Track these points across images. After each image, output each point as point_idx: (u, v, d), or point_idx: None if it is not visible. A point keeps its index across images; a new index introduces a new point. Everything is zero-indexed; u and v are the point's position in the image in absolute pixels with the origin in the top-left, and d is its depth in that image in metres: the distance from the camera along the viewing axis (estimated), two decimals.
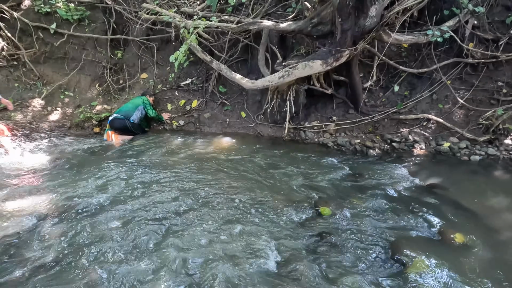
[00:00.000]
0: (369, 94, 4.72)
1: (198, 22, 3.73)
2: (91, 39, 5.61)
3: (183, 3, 5.21)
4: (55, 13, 5.36)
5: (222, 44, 5.11)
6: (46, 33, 5.41)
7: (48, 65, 5.51)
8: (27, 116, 4.97)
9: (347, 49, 3.54)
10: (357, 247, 2.16)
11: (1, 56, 5.23)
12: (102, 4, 5.61)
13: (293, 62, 3.94)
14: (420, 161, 3.72)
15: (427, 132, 4.17)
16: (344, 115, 4.67)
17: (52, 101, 5.28)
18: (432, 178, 3.24)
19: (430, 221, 2.43)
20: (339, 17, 3.34)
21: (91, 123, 5.12)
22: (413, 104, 4.40)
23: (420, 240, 2.22)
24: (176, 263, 1.95)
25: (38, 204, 2.67)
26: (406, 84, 4.64)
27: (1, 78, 5.23)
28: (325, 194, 2.92)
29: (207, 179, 3.13)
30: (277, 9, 4.88)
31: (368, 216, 2.54)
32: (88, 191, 2.86)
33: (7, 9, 5.18)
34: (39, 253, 2.06)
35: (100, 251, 2.07)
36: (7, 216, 2.47)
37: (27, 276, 1.86)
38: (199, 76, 5.52)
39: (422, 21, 4.36)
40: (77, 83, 5.52)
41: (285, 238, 2.25)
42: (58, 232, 2.29)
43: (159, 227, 2.33)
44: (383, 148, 4.08)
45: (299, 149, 4.16)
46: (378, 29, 3.39)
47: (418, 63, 4.58)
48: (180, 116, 5.20)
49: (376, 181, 3.20)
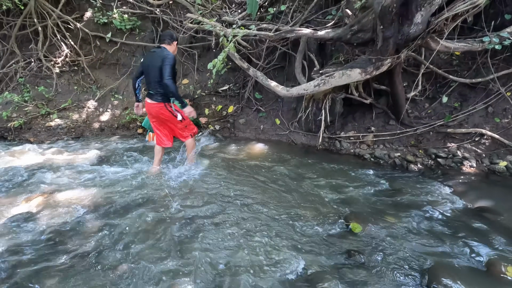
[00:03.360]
0: (413, 105, 4.41)
1: (237, 31, 3.83)
2: (140, 46, 6.07)
3: (224, 12, 5.39)
4: (111, 23, 5.90)
5: (260, 52, 5.18)
6: (102, 42, 5.98)
7: (102, 70, 6.07)
8: (82, 116, 5.50)
9: (388, 57, 3.36)
10: (389, 269, 2.00)
11: (64, 62, 5.89)
12: (152, 14, 6.03)
13: (330, 70, 3.85)
14: (469, 180, 3.36)
15: (480, 148, 3.76)
16: (383, 126, 4.42)
17: (104, 103, 5.78)
18: (483, 200, 2.90)
19: (476, 249, 2.17)
20: (381, 24, 3.19)
21: (135, 125, 5.50)
22: (464, 117, 4.01)
23: (463, 269, 2.00)
24: (201, 266, 2.00)
25: (84, 197, 2.92)
26: (456, 95, 4.25)
27: (63, 81, 5.88)
28: (357, 209, 2.78)
29: (237, 185, 3.17)
30: (316, 17, 4.81)
31: (404, 237, 2.36)
32: (125, 189, 3.07)
33: (72, 20, 5.82)
34: (80, 243, 2.25)
35: (133, 246, 2.20)
36: (57, 206, 2.74)
37: (68, 263, 2.05)
38: (236, 83, 5.65)
39: (479, 26, 3.98)
40: (125, 87, 5.99)
41: (311, 252, 2.18)
42: (98, 225, 2.48)
43: (187, 228, 2.41)
44: (426, 163, 3.77)
45: (333, 159, 4.03)
46: (424, 37, 3.17)
47: (472, 72, 4.18)
48: (217, 121, 5.36)
49: (416, 199, 2.96)
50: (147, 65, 3.21)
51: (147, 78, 3.23)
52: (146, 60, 3.25)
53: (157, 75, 3.10)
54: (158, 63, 3.07)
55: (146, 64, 3.23)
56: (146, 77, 3.25)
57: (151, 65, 3.15)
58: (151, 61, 3.16)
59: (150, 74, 3.17)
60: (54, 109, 5.46)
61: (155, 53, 3.17)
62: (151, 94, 3.24)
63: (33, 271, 1.98)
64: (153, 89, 3.20)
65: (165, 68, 3.03)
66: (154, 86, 3.18)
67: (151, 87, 3.22)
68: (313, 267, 2.04)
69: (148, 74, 3.20)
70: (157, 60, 3.09)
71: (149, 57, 3.23)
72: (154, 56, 3.15)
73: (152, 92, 3.22)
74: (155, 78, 3.13)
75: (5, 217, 2.56)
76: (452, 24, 3.19)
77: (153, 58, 3.15)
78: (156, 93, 3.20)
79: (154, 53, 3.18)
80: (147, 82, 3.27)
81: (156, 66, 3.09)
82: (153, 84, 3.18)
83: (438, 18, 3.11)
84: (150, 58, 3.19)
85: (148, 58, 3.22)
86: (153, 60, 3.13)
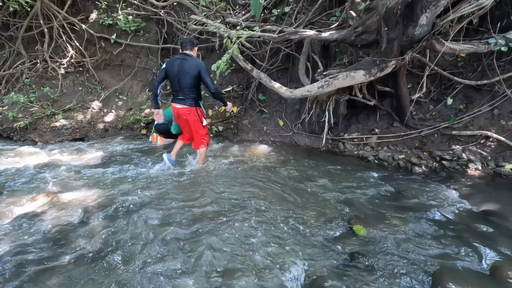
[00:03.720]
0: (418, 107, 4.38)
1: (241, 32, 3.84)
2: (144, 48, 6.11)
3: (228, 14, 5.41)
4: (116, 25, 5.95)
5: (263, 53, 5.19)
6: (107, 43, 6.03)
7: (107, 71, 6.13)
8: (86, 116, 5.54)
9: (393, 59, 3.35)
10: (392, 273, 1.99)
11: (70, 63, 5.94)
12: (156, 16, 6.07)
13: (334, 71, 3.84)
14: (474, 183, 3.33)
15: (485, 151, 3.72)
16: (387, 128, 4.40)
17: (108, 104, 5.83)
18: (488, 203, 2.87)
19: (481, 253, 2.15)
20: (385, 26, 3.17)
21: (139, 125, 5.53)
22: (469, 119, 3.97)
23: (467, 273, 1.97)
24: (202, 268, 1.99)
25: (88, 197, 2.94)
26: (461, 97, 4.22)
27: (68, 82, 5.94)
28: (361, 211, 2.76)
29: (239, 186, 3.17)
30: (320, 18, 4.81)
31: (408, 240, 2.34)
32: (130, 189, 3.09)
33: (77, 22, 5.88)
34: (84, 243, 2.26)
35: (136, 246, 2.20)
36: (62, 206, 2.76)
37: (72, 263, 2.06)
38: (240, 84, 5.66)
39: (484, 28, 3.95)
40: (130, 88, 6.03)
41: (313, 254, 2.17)
42: (102, 225, 2.50)
43: (189, 230, 2.41)
44: (430, 165, 3.74)
45: (336, 161, 4.01)
46: (429, 39, 3.15)
47: (478, 74, 4.14)
48: (220, 122, 5.37)
49: (420, 201, 2.93)
50: (176, 72, 3.33)
51: (176, 84, 3.37)
52: (173, 66, 3.34)
53: (190, 82, 3.33)
54: (193, 71, 3.29)
55: (174, 70, 3.33)
56: (175, 83, 3.38)
57: (183, 72, 3.31)
58: (183, 68, 3.31)
59: (181, 80, 3.33)
60: (59, 110, 5.51)
61: (186, 61, 3.32)
62: (182, 99, 3.41)
63: (38, 271, 1.99)
64: (184, 95, 3.39)
65: (207, 79, 3.30)
66: (186, 91, 3.37)
67: (182, 93, 3.38)
68: (315, 270, 2.02)
69: (179, 81, 3.34)
70: (192, 69, 3.29)
71: (177, 64, 3.33)
72: (186, 64, 3.31)
73: (183, 97, 3.40)
74: (188, 85, 3.34)
75: (10, 216, 2.59)
76: (457, 26, 3.17)
77: (184, 66, 3.31)
78: (187, 98, 3.40)
79: (185, 61, 3.32)
80: (175, 88, 3.40)
81: (190, 73, 3.30)
82: (185, 89, 3.36)
83: (443, 20, 3.09)
84: (181, 65, 3.32)
85: (177, 65, 3.33)
86: (186, 68, 3.31)
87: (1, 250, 2.16)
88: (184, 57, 3.35)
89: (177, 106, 3.44)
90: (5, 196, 2.97)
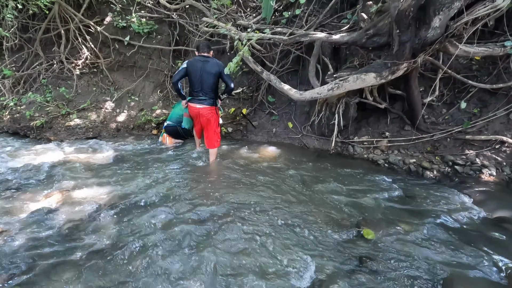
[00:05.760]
0: (430, 110, 4.31)
1: (252, 34, 3.87)
2: (157, 49, 6.21)
3: (239, 16, 5.46)
4: (129, 27, 6.08)
5: (273, 55, 5.21)
6: (120, 45, 6.16)
7: (120, 72, 6.26)
8: (100, 116, 5.67)
9: (404, 62, 3.30)
10: (401, 278, 1.96)
11: (85, 64, 6.10)
12: (169, 18, 6.18)
13: (344, 74, 3.82)
14: (488, 189, 3.25)
15: (500, 156, 3.63)
16: (398, 132, 4.34)
17: (121, 104, 5.94)
18: (503, 210, 2.79)
19: (495, 261, 2.09)
20: (397, 28, 3.14)
21: (150, 126, 5.62)
22: (484, 124, 3.88)
23: (480, 281, 1.93)
24: (210, 268, 2.01)
25: (100, 195, 3.01)
26: (475, 101, 4.12)
27: (83, 83, 6.09)
28: (370, 215, 2.73)
29: (248, 188, 3.18)
30: (331, 20, 4.80)
31: (418, 246, 2.30)
32: (141, 188, 3.14)
33: (93, 24, 6.04)
34: (96, 239, 2.32)
35: (146, 244, 2.24)
36: (75, 203, 2.84)
37: (84, 258, 2.11)
38: (249, 86, 5.69)
39: (501, 30, 3.86)
40: (142, 89, 6.14)
41: (322, 257, 2.16)
42: (112, 223, 2.55)
43: (198, 229, 2.43)
44: (442, 170, 3.67)
45: (345, 164, 3.98)
46: (442, 41, 3.10)
47: (493, 77, 4.05)
48: (229, 124, 5.41)
49: (431, 206, 2.88)
50: (200, 72, 3.46)
51: (198, 84, 3.51)
52: (196, 67, 3.48)
53: (213, 82, 3.51)
54: (215, 71, 3.46)
55: (197, 71, 3.47)
56: (196, 84, 3.51)
57: (206, 72, 3.46)
58: (205, 69, 3.46)
59: (204, 80, 3.48)
60: (73, 109, 5.66)
61: (208, 62, 3.48)
62: (203, 99, 3.55)
63: (51, 265, 2.05)
64: (206, 95, 3.54)
65: (227, 77, 3.51)
66: (208, 91, 3.53)
67: (203, 93, 3.53)
68: (323, 273, 2.02)
69: (202, 81, 3.48)
70: (214, 68, 3.47)
71: (200, 65, 3.48)
72: (208, 65, 3.47)
73: (204, 97, 3.55)
74: (211, 84, 3.51)
75: (26, 212, 2.67)
76: (471, 28, 3.11)
77: (207, 67, 3.46)
78: (209, 97, 3.56)
79: (207, 62, 3.48)
80: (197, 88, 3.53)
81: (212, 73, 3.46)
82: (207, 90, 3.52)
83: (457, 22, 3.04)
84: (203, 66, 3.47)
85: (200, 66, 3.47)
86: (209, 68, 3.46)
87: (16, 244, 2.24)
88: (205, 59, 3.50)
89: (197, 106, 3.56)
90: (21, 192, 3.07)
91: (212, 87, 3.54)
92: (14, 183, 3.29)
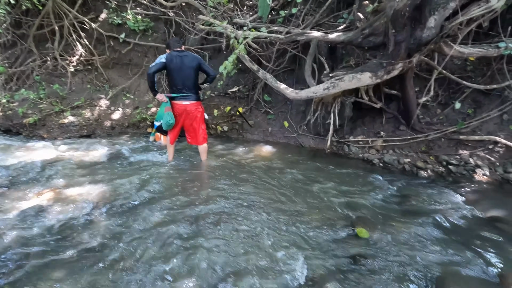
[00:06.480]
0: (425, 110, 4.33)
1: (248, 33, 3.85)
2: (152, 47, 6.16)
3: (236, 15, 5.43)
4: (125, 24, 6.02)
5: (270, 54, 5.19)
6: (116, 42, 6.11)
7: (115, 70, 6.20)
8: (94, 114, 5.61)
9: (400, 61, 3.32)
10: (395, 277, 1.96)
11: (79, 61, 6.03)
12: (165, 16, 6.13)
13: (340, 73, 3.82)
14: (481, 189, 3.27)
15: (494, 156, 3.66)
16: (393, 132, 4.36)
17: (116, 102, 5.89)
18: (495, 209, 2.81)
19: (487, 260, 2.10)
20: (393, 28, 3.15)
21: (145, 124, 5.58)
22: (478, 124, 3.91)
23: (473, 280, 1.94)
24: (203, 268, 1.99)
25: (93, 193, 2.97)
26: (470, 102, 4.15)
27: (77, 80, 6.03)
28: (364, 214, 2.73)
29: (243, 186, 3.17)
30: (328, 20, 4.80)
31: (412, 245, 2.30)
32: (134, 186, 3.11)
33: (87, 21, 5.97)
34: (87, 238, 2.29)
35: (138, 243, 2.22)
36: (67, 201, 2.80)
37: (75, 257, 2.08)
38: (246, 84, 5.67)
39: (495, 31, 3.89)
40: (137, 86, 6.09)
41: (315, 256, 2.15)
42: (105, 221, 2.52)
43: (192, 228, 2.42)
44: (436, 170, 3.69)
45: (341, 163, 3.98)
46: (437, 41, 3.11)
47: (487, 78, 4.08)
48: (225, 122, 5.39)
49: (425, 206, 2.89)
50: (179, 68, 3.34)
51: (180, 80, 3.38)
52: (175, 63, 3.34)
53: (194, 76, 3.41)
54: (194, 64, 3.37)
55: (176, 67, 3.34)
56: (177, 80, 3.38)
57: (186, 67, 3.34)
58: (185, 63, 3.34)
59: (185, 76, 3.37)
60: (67, 107, 5.59)
61: (186, 57, 3.37)
62: (188, 95, 3.44)
63: (41, 263, 2.02)
64: (189, 90, 3.43)
65: (206, 66, 3.48)
66: (191, 87, 3.43)
67: (187, 88, 3.41)
68: (317, 272, 2.01)
69: (183, 77, 3.37)
70: (193, 62, 3.38)
71: (179, 60, 3.34)
72: (187, 59, 3.36)
73: (189, 93, 3.44)
74: (192, 79, 3.41)
75: (17, 210, 2.63)
76: (466, 29, 3.13)
77: (186, 61, 3.35)
78: (192, 93, 3.46)
79: (186, 57, 3.37)
80: (179, 85, 3.41)
81: (192, 67, 3.36)
82: (190, 85, 3.41)
83: (452, 23, 3.05)
84: (182, 61, 3.34)
85: (179, 62, 3.34)
86: (188, 62, 3.35)
87: (6, 242, 2.20)
88: (182, 54, 3.38)
89: (183, 103, 3.45)
90: (13, 190, 3.03)
91: (194, 82, 3.45)
92: (6, 180, 3.24)
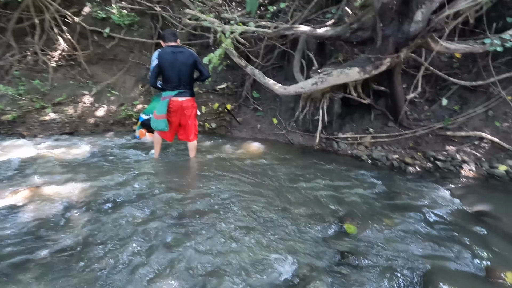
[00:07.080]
0: (412, 107, 4.35)
1: (235, 27, 3.77)
2: (138, 42, 6.00)
3: (224, 10, 5.34)
4: (109, 18, 5.83)
5: (258, 50, 5.12)
6: (100, 37, 5.91)
7: (99, 65, 6.00)
8: (77, 111, 5.42)
9: (388, 56, 3.30)
10: (383, 272, 1.92)
11: (61, 57, 5.81)
12: (151, 10, 5.98)
13: (328, 69, 3.79)
14: (468, 184, 3.30)
15: (479, 152, 3.70)
16: (382, 128, 4.36)
17: (100, 98, 5.70)
18: (482, 204, 2.83)
19: (474, 254, 2.09)
20: (381, 22, 3.13)
21: (131, 121, 5.42)
22: (464, 120, 3.95)
23: (460, 274, 1.92)
24: (188, 267, 1.91)
25: (73, 192, 2.83)
26: (456, 98, 4.20)
27: (60, 76, 5.80)
28: (352, 210, 2.70)
29: (231, 184, 3.09)
30: (317, 16, 4.77)
31: (400, 240, 2.28)
32: (117, 184, 2.99)
33: (70, 15, 5.76)
34: (64, 238, 2.17)
35: (118, 243, 2.11)
36: (45, 200, 2.65)
37: (49, 258, 1.96)
38: (234, 81, 5.58)
39: (480, 29, 3.93)
40: (122, 83, 5.91)
41: (303, 253, 2.10)
42: (84, 220, 2.40)
43: (176, 227, 2.33)
44: (424, 166, 3.70)
45: (330, 160, 3.95)
46: (424, 35, 3.11)
47: (473, 75, 4.13)
48: (213, 119, 5.29)
49: (413, 201, 2.89)
50: (175, 65, 3.22)
51: (176, 77, 3.27)
52: (170, 60, 3.22)
53: (188, 72, 3.30)
54: (191, 61, 3.27)
55: (172, 64, 3.22)
56: (174, 77, 3.27)
57: (183, 64, 3.24)
58: (180, 60, 3.22)
59: (182, 72, 3.27)
60: (48, 103, 5.37)
61: (182, 53, 3.25)
62: (184, 91, 3.34)
63: (13, 264, 1.90)
64: (185, 87, 3.34)
65: (202, 66, 3.40)
66: (187, 83, 3.34)
67: (182, 85, 3.32)
68: (305, 269, 1.96)
69: (180, 73, 3.26)
70: (190, 59, 3.27)
71: (173, 57, 3.22)
72: (182, 55, 3.24)
73: (185, 89, 3.34)
74: (189, 75, 3.33)
75: None
76: (453, 23, 3.13)
77: (181, 58, 3.23)
78: (188, 89, 3.38)
79: (181, 53, 3.25)
80: (175, 83, 3.29)
81: (189, 64, 3.27)
82: (186, 81, 3.32)
83: (438, 16, 3.05)
84: (177, 58, 3.22)
85: (173, 58, 3.22)
86: (184, 59, 3.24)
87: None
88: (177, 50, 3.26)
89: (179, 99, 3.34)
90: None
91: (190, 78, 3.38)
92: None
